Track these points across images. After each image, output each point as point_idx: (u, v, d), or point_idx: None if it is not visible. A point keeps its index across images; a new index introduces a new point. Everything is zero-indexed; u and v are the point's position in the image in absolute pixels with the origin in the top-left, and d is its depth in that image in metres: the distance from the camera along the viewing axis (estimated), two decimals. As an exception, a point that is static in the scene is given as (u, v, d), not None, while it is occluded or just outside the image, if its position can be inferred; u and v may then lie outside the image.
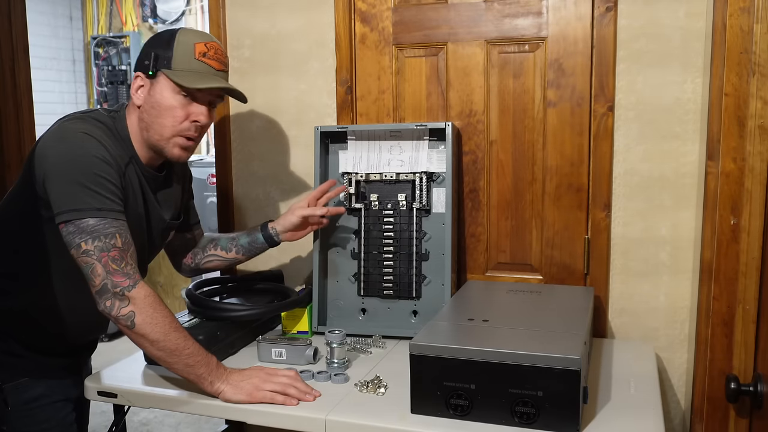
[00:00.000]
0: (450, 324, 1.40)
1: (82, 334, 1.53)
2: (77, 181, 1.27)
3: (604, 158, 1.67)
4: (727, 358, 1.44)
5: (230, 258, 1.72)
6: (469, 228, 1.82)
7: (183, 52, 1.40)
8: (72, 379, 1.51)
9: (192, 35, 1.43)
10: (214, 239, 1.75)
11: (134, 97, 1.42)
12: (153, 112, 1.40)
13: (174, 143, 1.42)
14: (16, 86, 2.10)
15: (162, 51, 1.40)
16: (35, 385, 1.44)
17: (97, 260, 1.26)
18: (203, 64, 1.41)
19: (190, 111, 1.41)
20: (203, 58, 1.41)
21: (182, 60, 1.40)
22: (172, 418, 3.34)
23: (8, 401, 1.41)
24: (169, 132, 1.40)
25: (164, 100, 1.39)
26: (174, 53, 1.40)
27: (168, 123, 1.40)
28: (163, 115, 1.39)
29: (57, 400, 1.47)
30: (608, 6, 1.62)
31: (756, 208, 1.38)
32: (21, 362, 1.43)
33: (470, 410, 1.21)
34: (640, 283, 1.68)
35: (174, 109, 1.39)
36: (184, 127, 1.41)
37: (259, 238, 1.68)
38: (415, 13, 1.81)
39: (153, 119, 1.40)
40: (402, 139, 1.75)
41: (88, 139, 1.32)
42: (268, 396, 1.31)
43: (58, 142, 1.32)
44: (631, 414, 1.26)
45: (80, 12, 5.17)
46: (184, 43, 1.41)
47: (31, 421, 1.43)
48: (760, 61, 1.35)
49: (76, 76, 5.21)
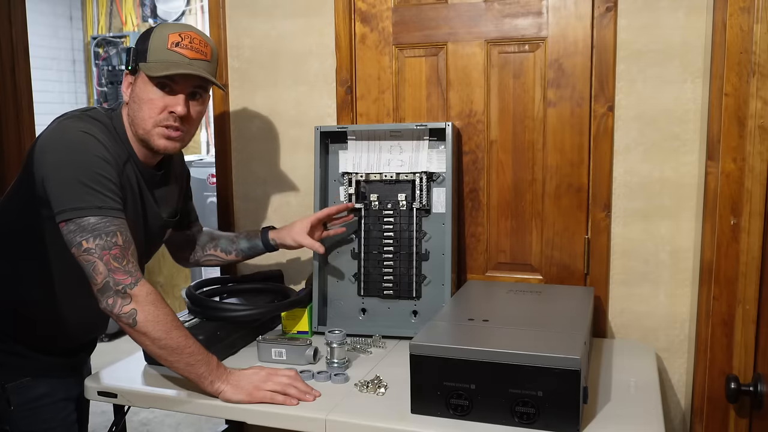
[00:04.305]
0: (450, 324, 1.40)
1: (82, 332, 1.53)
2: (77, 180, 1.28)
3: (604, 158, 1.67)
4: (727, 358, 1.44)
5: (229, 259, 1.78)
6: (469, 228, 1.82)
7: (157, 44, 1.41)
8: (74, 379, 1.51)
9: (168, 27, 1.43)
10: (214, 238, 1.76)
11: (124, 95, 1.45)
12: (135, 106, 1.42)
13: (157, 134, 1.42)
14: (16, 86, 2.10)
15: (140, 46, 1.43)
16: (38, 385, 1.44)
17: (99, 258, 1.26)
18: (175, 53, 1.40)
19: (167, 102, 1.41)
20: (175, 48, 1.40)
21: (155, 51, 1.40)
22: (172, 418, 3.34)
23: (11, 401, 1.41)
24: (150, 123, 1.41)
25: (143, 93, 1.40)
26: (149, 46, 1.41)
27: (147, 115, 1.41)
28: (143, 107, 1.41)
29: (59, 399, 1.47)
30: (608, 6, 1.62)
31: (756, 208, 1.38)
32: (23, 362, 1.43)
33: (470, 410, 1.21)
34: (640, 283, 1.68)
35: (152, 101, 1.40)
36: (162, 117, 1.41)
37: (259, 245, 1.74)
38: (415, 13, 1.81)
39: (135, 113, 1.42)
40: (402, 139, 1.75)
41: (87, 137, 1.32)
42: (268, 396, 1.32)
43: (57, 141, 1.32)
44: (631, 414, 1.26)
45: (80, 12, 5.17)
46: (158, 35, 1.42)
47: (34, 421, 1.43)
48: (760, 61, 1.35)
49: (76, 76, 5.21)
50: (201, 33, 1.45)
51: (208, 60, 1.45)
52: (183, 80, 1.41)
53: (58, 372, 1.49)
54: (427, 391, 1.24)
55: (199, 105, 1.46)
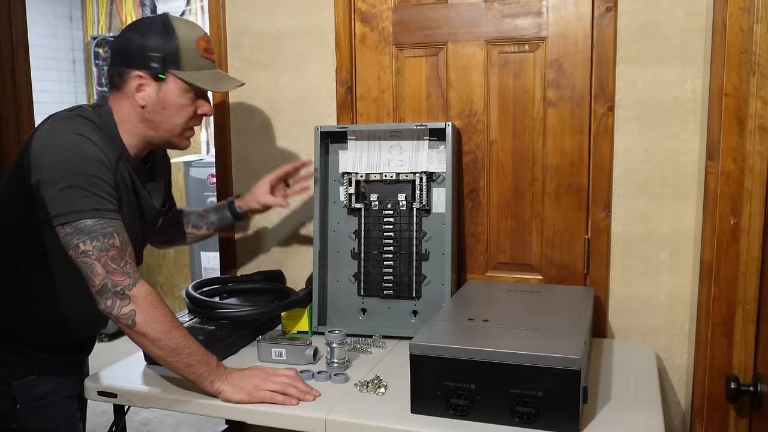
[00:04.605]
0: (450, 324, 1.40)
1: (82, 330, 1.53)
2: (73, 184, 1.27)
3: (604, 158, 1.67)
4: (727, 358, 1.44)
5: (201, 234, 1.81)
6: (469, 228, 1.82)
7: (189, 50, 1.41)
8: (76, 377, 1.52)
9: (189, 29, 1.43)
10: (185, 215, 1.79)
11: (137, 98, 1.40)
12: (165, 112, 1.42)
13: (185, 136, 1.49)
14: (16, 86, 2.10)
15: (165, 49, 1.39)
16: (43, 383, 1.45)
17: (96, 260, 1.26)
18: (207, 60, 1.45)
19: (197, 105, 1.46)
20: (206, 54, 1.45)
21: (190, 59, 1.41)
22: (172, 418, 3.34)
23: (17, 399, 1.41)
24: (181, 128, 1.46)
25: (176, 99, 1.42)
26: (181, 52, 1.40)
27: (181, 121, 1.45)
28: (176, 114, 1.43)
29: (64, 397, 1.48)
30: (608, 6, 1.62)
31: (756, 208, 1.38)
32: (28, 360, 1.44)
33: (470, 410, 1.21)
34: (640, 283, 1.68)
35: (186, 108, 1.44)
36: (194, 121, 1.48)
37: (227, 215, 1.77)
38: (415, 13, 1.81)
39: (165, 119, 1.43)
40: (402, 139, 1.75)
41: (81, 140, 1.32)
42: (268, 396, 1.32)
43: (51, 145, 1.31)
44: (631, 414, 1.26)
45: (80, 12, 5.17)
46: (186, 39, 1.41)
47: (39, 419, 1.44)
48: (760, 61, 1.35)
49: (76, 76, 5.21)
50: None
51: None
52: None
53: (62, 370, 1.49)
54: (427, 391, 1.24)
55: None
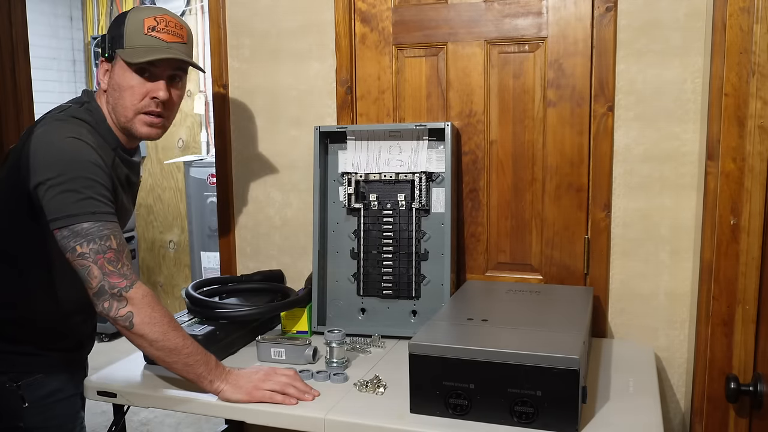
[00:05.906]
0: (449, 324, 1.40)
1: (84, 322, 1.54)
2: (70, 189, 1.27)
3: (604, 158, 1.67)
4: (726, 358, 1.43)
5: None
6: (468, 228, 1.82)
7: (133, 29, 1.40)
8: (79, 375, 1.53)
9: (143, 11, 1.43)
10: None
11: (101, 83, 1.44)
12: (115, 93, 1.42)
13: (139, 121, 1.43)
14: (16, 86, 2.10)
15: (115, 31, 1.42)
16: (50, 381, 1.45)
17: (93, 262, 1.26)
18: (153, 38, 1.41)
19: (148, 88, 1.42)
20: (152, 33, 1.41)
21: (132, 37, 1.40)
22: (172, 418, 3.34)
23: (25, 398, 1.41)
24: (131, 111, 1.42)
25: (123, 80, 1.41)
26: (125, 31, 1.40)
27: (128, 102, 1.41)
28: (124, 95, 1.41)
29: (70, 394, 1.49)
30: (608, 6, 1.62)
31: (756, 208, 1.38)
32: (35, 359, 1.44)
33: (469, 410, 1.21)
34: (639, 283, 1.68)
35: (132, 88, 1.41)
36: (144, 104, 1.42)
37: None
38: (415, 13, 1.81)
39: (116, 101, 1.42)
40: (401, 139, 1.75)
41: (77, 143, 1.32)
42: (267, 395, 1.31)
43: (46, 150, 1.31)
44: (630, 414, 1.26)
45: (80, 12, 5.17)
46: (133, 20, 1.41)
47: (46, 417, 1.44)
48: (760, 61, 1.35)
49: (76, 76, 5.21)
50: (175, 15, 1.46)
51: (185, 42, 1.46)
52: (163, 65, 1.41)
53: (66, 368, 1.50)
54: (426, 390, 1.24)
55: (178, 89, 1.47)
